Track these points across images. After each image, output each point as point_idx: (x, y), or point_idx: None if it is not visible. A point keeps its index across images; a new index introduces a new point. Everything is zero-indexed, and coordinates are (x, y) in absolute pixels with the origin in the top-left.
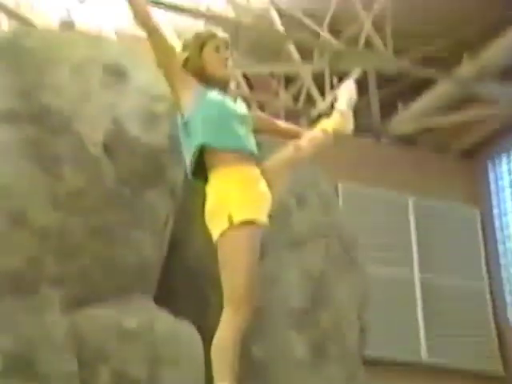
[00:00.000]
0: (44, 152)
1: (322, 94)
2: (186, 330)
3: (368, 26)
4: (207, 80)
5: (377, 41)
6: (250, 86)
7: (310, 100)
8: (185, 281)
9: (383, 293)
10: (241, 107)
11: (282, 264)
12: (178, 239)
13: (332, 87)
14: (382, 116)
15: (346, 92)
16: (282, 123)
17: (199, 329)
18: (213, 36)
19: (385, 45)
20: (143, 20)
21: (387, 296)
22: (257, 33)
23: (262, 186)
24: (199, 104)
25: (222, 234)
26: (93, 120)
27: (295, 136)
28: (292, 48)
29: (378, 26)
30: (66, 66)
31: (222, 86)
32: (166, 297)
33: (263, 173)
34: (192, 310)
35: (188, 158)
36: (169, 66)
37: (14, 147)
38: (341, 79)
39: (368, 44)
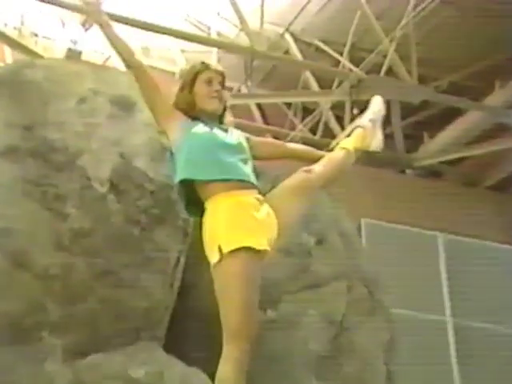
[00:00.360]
0: (47, 190)
1: (342, 126)
2: (198, 379)
3: (391, 53)
4: (197, 113)
5: (400, 69)
6: (265, 118)
7: (328, 132)
8: (196, 325)
9: (412, 338)
10: (233, 137)
11: (301, 307)
12: (190, 281)
13: (352, 119)
14: (406, 148)
15: (373, 106)
16: (293, 145)
17: (211, 376)
18: (206, 68)
19: (409, 73)
20: (127, 57)
21: (417, 341)
22: (272, 61)
23: (261, 212)
24: (184, 137)
25: (214, 267)
26: (99, 155)
27: (310, 158)
28: (310, 77)
29: (401, 52)
30: (72, 99)
31: (214, 118)
32: (175, 342)
33: (268, 200)
34: (203, 357)
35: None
36: (154, 101)
37: (15, 185)
38: (362, 111)
39: (391, 72)
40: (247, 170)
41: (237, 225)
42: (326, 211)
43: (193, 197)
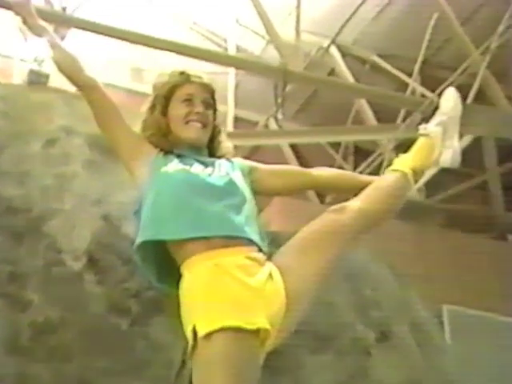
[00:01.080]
0: (0, 268)
1: None
2: None
3: (482, 71)
4: (174, 144)
5: (496, 92)
6: (302, 162)
7: None
8: None
9: None
10: (220, 173)
11: None
12: None
13: None
14: (506, 205)
15: (444, 103)
16: (321, 171)
17: None
18: (185, 80)
19: (509, 98)
20: (71, 71)
21: None
22: (312, 84)
23: (258, 277)
24: (151, 180)
25: (189, 355)
26: (73, 219)
27: (348, 188)
28: (365, 106)
29: (495, 70)
30: (37, 141)
31: (197, 149)
32: None
33: (274, 259)
34: None
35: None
36: (113, 131)
37: None
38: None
39: (482, 97)
40: (238, 219)
41: (217, 296)
42: (391, 293)
43: (165, 261)
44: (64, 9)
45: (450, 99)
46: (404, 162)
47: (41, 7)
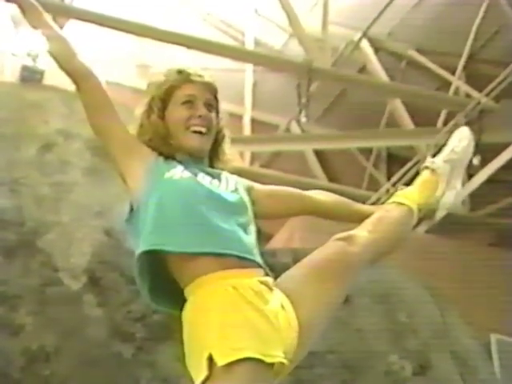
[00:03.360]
0: None
1: None
2: None
3: None
4: (173, 150)
5: None
6: (327, 170)
7: None
8: None
9: None
10: (229, 188)
11: None
12: None
13: (471, 173)
14: None
15: (454, 140)
16: (323, 196)
17: None
18: (185, 79)
19: None
20: (62, 58)
21: None
22: (340, 83)
23: (272, 304)
24: (152, 186)
25: None
26: (71, 233)
27: (348, 216)
28: (400, 107)
29: None
30: (31, 146)
31: (199, 157)
32: None
33: (281, 286)
34: None
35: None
36: (107, 129)
37: None
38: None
39: None
40: (249, 240)
41: (236, 322)
42: (430, 319)
43: (163, 278)
44: None
45: (464, 139)
46: (410, 197)
47: None
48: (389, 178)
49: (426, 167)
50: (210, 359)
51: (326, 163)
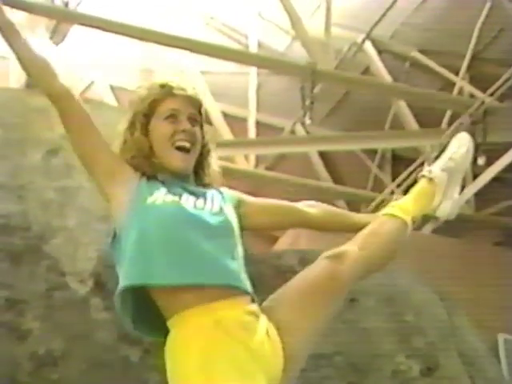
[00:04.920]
0: None
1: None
2: None
3: None
4: (157, 168)
5: None
6: (332, 172)
7: None
8: None
9: None
10: (213, 207)
11: None
12: None
13: (475, 174)
14: None
15: (452, 147)
16: (316, 209)
17: None
18: (167, 93)
19: None
20: (42, 77)
21: None
22: (344, 85)
23: (258, 336)
24: (133, 211)
25: None
26: (78, 237)
27: (341, 227)
28: (404, 108)
29: None
30: (37, 151)
31: (183, 174)
32: None
33: (267, 311)
34: None
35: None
36: (88, 150)
37: None
38: (490, 160)
39: None
40: (234, 266)
41: (216, 358)
42: (437, 319)
43: (146, 308)
44: (66, 4)
45: (463, 145)
46: (405, 209)
47: (39, 1)
48: (394, 179)
49: (424, 176)
50: None
51: (330, 165)
